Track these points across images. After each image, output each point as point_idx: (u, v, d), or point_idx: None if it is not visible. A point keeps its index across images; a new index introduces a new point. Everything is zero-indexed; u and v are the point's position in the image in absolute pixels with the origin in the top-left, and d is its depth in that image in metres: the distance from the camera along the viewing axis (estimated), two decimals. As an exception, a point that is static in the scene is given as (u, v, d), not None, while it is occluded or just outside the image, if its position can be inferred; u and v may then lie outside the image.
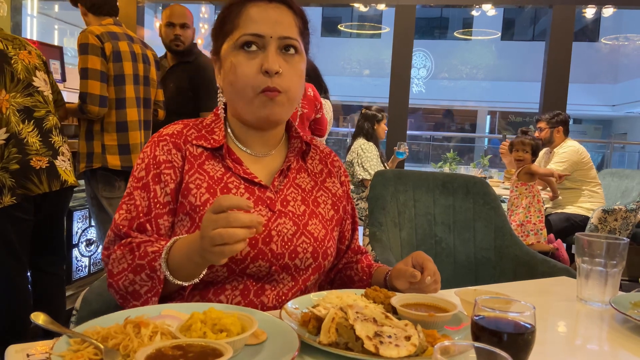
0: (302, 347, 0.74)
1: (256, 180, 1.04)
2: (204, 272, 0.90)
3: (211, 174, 1.02)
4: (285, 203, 1.06)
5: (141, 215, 1.00)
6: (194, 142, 1.04)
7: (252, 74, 0.99)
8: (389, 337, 0.75)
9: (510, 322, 0.66)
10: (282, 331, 0.78)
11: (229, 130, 1.10)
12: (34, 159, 2.08)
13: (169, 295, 0.96)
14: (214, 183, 1.01)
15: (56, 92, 2.38)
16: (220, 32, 1.05)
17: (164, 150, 1.03)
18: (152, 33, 8.51)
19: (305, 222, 1.05)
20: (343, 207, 1.16)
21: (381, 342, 0.73)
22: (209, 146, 1.04)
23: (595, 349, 0.96)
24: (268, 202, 1.03)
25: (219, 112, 1.10)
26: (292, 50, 1.02)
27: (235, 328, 0.73)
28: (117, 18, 2.76)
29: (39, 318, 0.77)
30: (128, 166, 2.64)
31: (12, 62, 2.10)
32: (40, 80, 2.21)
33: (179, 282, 0.89)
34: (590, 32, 16.74)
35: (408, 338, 0.75)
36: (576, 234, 1.15)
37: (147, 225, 0.99)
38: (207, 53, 4.69)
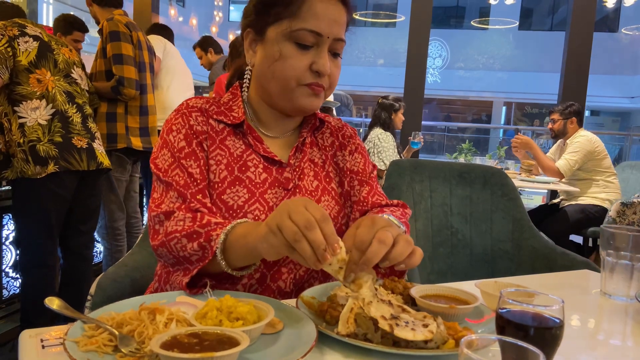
0: (319, 338, 0.72)
1: (276, 158, 1.03)
2: (246, 272, 0.88)
3: (232, 150, 1.02)
4: (302, 177, 1.05)
5: (199, 180, 0.97)
6: (215, 116, 1.03)
7: (302, 69, 0.97)
8: (406, 322, 0.73)
9: (537, 316, 0.64)
10: (300, 321, 0.77)
11: (247, 109, 1.08)
12: (75, 138, 2.27)
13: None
14: (233, 160, 1.01)
15: (91, 89, 2.58)
16: (270, 9, 0.99)
17: (198, 121, 1.01)
18: (165, 20, 8.51)
19: (318, 198, 1.05)
20: (348, 181, 1.13)
21: (397, 324, 0.71)
22: (229, 122, 1.03)
23: (619, 344, 0.93)
24: (284, 182, 1.03)
25: (243, 91, 1.08)
26: (339, 50, 1.01)
27: (252, 317, 0.72)
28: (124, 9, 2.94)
29: (54, 303, 0.76)
30: (148, 147, 2.85)
31: (55, 52, 2.31)
32: (77, 75, 2.42)
33: (224, 264, 0.85)
34: (611, 22, 16.40)
35: (426, 326, 0.72)
36: (601, 226, 1.12)
37: (206, 191, 0.97)
38: (222, 42, 4.68)
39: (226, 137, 1.02)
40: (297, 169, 1.06)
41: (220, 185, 0.98)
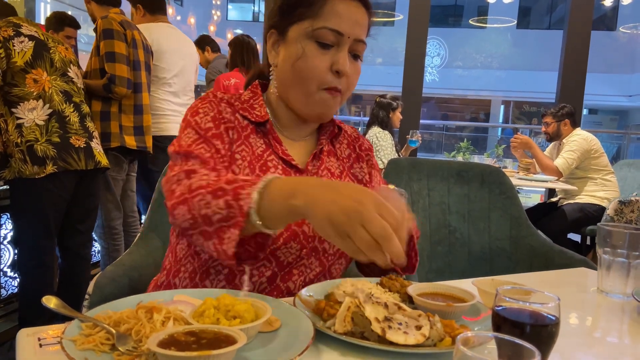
0: (316, 336, 0.72)
1: (293, 162, 1.03)
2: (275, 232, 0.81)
3: (254, 148, 1.01)
4: None
5: (225, 158, 0.95)
6: (240, 112, 1.03)
7: (323, 69, 0.98)
8: (400, 324, 0.73)
9: (533, 314, 0.64)
10: (297, 319, 0.77)
11: (267, 109, 1.07)
12: (73, 137, 2.27)
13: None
14: (254, 159, 1.00)
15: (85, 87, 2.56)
16: (293, 9, 1.00)
17: (227, 111, 1.01)
18: (165, 19, 8.45)
19: None
20: None
21: (390, 327, 0.71)
22: (253, 119, 1.03)
23: (616, 341, 0.94)
24: None
25: (270, 90, 1.08)
26: (359, 52, 1.02)
27: (249, 315, 0.72)
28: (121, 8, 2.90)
29: (51, 302, 0.76)
30: (142, 146, 2.83)
31: (51, 51, 2.30)
32: (73, 73, 2.40)
33: (259, 223, 0.77)
34: (609, 20, 16.42)
35: (419, 328, 0.73)
36: (598, 224, 1.12)
37: (232, 169, 0.96)
38: (220, 40, 4.68)
39: (250, 134, 1.02)
40: (315, 177, 1.05)
41: None
